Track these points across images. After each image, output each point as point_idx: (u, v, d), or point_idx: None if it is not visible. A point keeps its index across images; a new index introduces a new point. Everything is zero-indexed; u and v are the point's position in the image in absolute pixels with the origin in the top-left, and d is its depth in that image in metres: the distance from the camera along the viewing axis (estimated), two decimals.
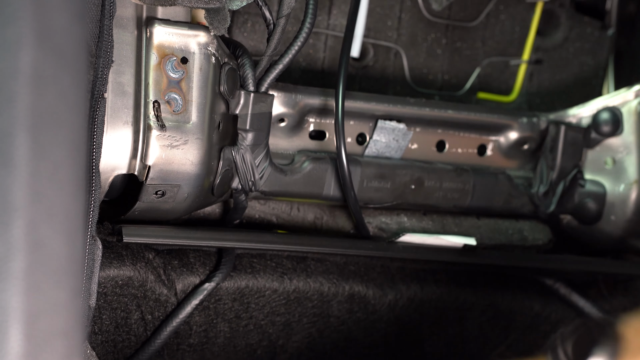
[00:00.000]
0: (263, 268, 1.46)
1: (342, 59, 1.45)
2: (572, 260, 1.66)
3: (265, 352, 1.51)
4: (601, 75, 1.81)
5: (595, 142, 1.64)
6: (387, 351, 1.58)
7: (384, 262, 1.53)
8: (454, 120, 1.57)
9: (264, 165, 1.42)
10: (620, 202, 1.63)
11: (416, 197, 1.54)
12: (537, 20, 1.74)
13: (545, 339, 1.67)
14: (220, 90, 1.36)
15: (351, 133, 1.53)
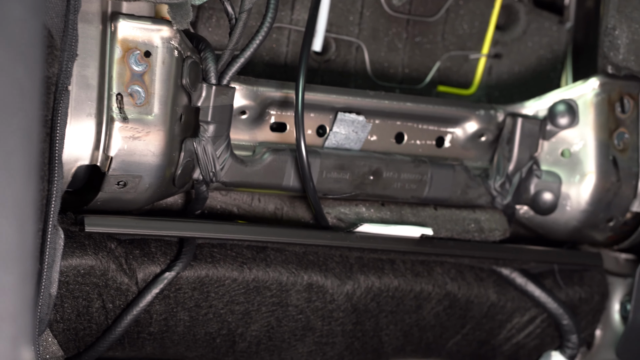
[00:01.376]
0: (223, 258, 1.48)
1: (302, 52, 1.48)
2: (528, 251, 1.69)
3: (224, 340, 1.54)
4: (559, 68, 1.85)
5: (551, 133, 1.67)
6: (344, 340, 1.60)
7: (343, 252, 1.56)
8: (412, 113, 1.60)
9: (224, 156, 1.44)
10: (576, 193, 1.67)
11: (374, 188, 1.57)
12: (496, 15, 1.77)
13: (501, 328, 1.71)
14: (183, 83, 1.39)
15: (311, 125, 1.56)
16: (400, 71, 1.73)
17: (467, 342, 1.70)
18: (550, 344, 1.75)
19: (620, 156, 1.68)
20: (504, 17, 1.81)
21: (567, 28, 1.84)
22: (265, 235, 1.49)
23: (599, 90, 1.67)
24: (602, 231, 1.71)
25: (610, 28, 1.65)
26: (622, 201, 1.69)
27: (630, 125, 1.69)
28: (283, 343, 1.57)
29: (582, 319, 1.75)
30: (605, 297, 1.76)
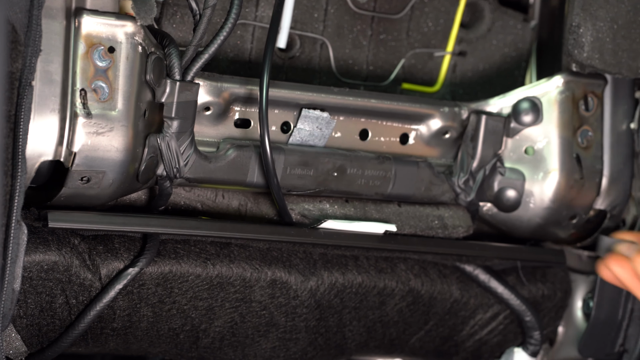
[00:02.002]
0: (187, 254, 1.48)
1: (267, 48, 1.49)
2: (491, 247, 1.70)
3: (187, 336, 1.54)
4: (523, 66, 1.86)
5: (515, 131, 1.68)
6: (308, 336, 1.61)
7: (306, 248, 1.56)
8: (376, 110, 1.61)
9: (188, 152, 1.45)
10: (539, 190, 1.68)
11: (338, 185, 1.58)
12: (461, 13, 1.78)
13: (464, 324, 1.72)
14: (147, 79, 1.39)
15: (276, 121, 1.56)
16: (364, 68, 1.73)
17: (430, 338, 1.71)
18: (513, 340, 1.77)
19: (583, 154, 1.69)
20: (469, 15, 1.82)
21: (532, 26, 1.85)
22: (229, 232, 1.50)
23: (563, 88, 1.68)
24: (565, 228, 1.73)
25: (575, 26, 1.66)
26: (585, 199, 1.70)
27: (594, 123, 1.71)
28: (246, 339, 1.57)
29: (545, 315, 1.76)
30: (568, 294, 1.77)
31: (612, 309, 1.75)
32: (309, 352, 1.63)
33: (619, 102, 1.73)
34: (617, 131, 1.73)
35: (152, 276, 1.46)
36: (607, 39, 1.66)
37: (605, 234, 1.74)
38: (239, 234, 1.50)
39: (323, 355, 1.65)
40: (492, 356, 1.78)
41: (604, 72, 1.69)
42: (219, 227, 1.49)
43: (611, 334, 1.78)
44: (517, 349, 1.76)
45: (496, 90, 1.79)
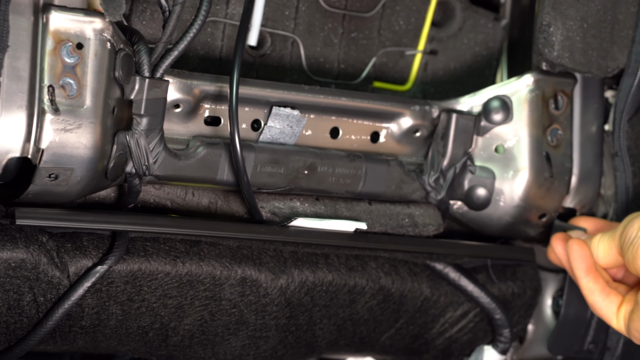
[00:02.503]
0: (156, 251, 1.48)
1: (237, 46, 1.48)
2: (461, 246, 1.70)
3: (157, 334, 1.53)
4: (494, 65, 1.86)
5: (485, 129, 1.68)
6: (278, 334, 1.61)
7: (277, 246, 1.56)
8: (347, 108, 1.61)
9: (158, 149, 1.44)
10: (509, 189, 1.68)
11: (309, 182, 1.58)
12: (432, 12, 1.78)
13: (435, 322, 1.72)
14: (115, 76, 1.38)
15: (246, 119, 1.56)
16: (336, 66, 1.73)
17: (400, 336, 1.71)
18: (483, 338, 1.77)
19: (553, 152, 1.70)
20: (440, 14, 1.82)
21: (503, 25, 1.86)
22: (199, 229, 1.49)
23: (533, 87, 1.69)
24: (535, 227, 1.73)
25: (545, 25, 1.66)
26: (555, 197, 1.71)
27: (563, 122, 1.71)
28: (216, 337, 1.57)
29: (515, 313, 1.76)
30: (537, 292, 1.78)
31: (581, 307, 1.76)
32: (279, 351, 1.63)
33: (589, 101, 1.74)
34: (587, 130, 1.74)
35: (121, 274, 1.46)
36: (577, 37, 1.67)
37: None
38: (208, 232, 1.50)
39: (293, 354, 1.65)
40: (462, 354, 1.78)
41: (573, 71, 1.69)
42: (188, 224, 1.49)
43: (580, 332, 1.79)
44: (487, 347, 1.77)
45: (467, 89, 1.80)
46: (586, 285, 1.60)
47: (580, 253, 1.60)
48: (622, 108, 1.71)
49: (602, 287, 1.58)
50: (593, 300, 1.59)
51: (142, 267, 1.46)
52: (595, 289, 1.59)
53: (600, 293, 1.59)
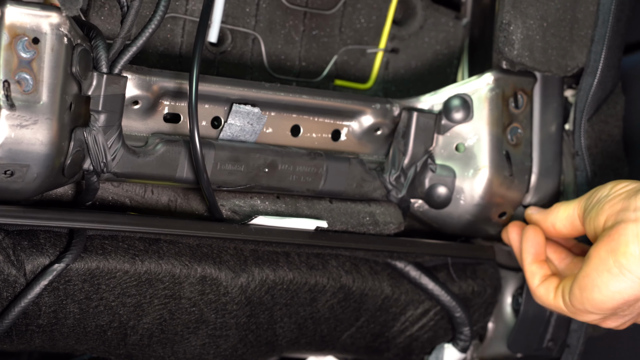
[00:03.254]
0: (114, 249, 1.46)
1: (197, 42, 1.47)
2: (422, 244, 1.71)
3: (115, 333, 1.52)
4: (455, 64, 1.87)
5: (446, 128, 1.68)
6: (238, 333, 1.60)
7: (237, 245, 1.55)
8: (308, 106, 1.60)
9: (116, 146, 1.43)
10: (469, 187, 1.68)
11: (269, 181, 1.57)
12: (394, 10, 1.79)
13: (395, 321, 1.72)
14: (73, 71, 1.37)
15: (206, 117, 1.55)
16: (297, 64, 1.73)
17: (361, 334, 1.71)
18: (444, 336, 1.77)
19: (513, 151, 1.70)
20: (401, 12, 1.82)
21: (464, 24, 1.86)
22: (158, 227, 1.48)
23: (493, 86, 1.69)
24: (495, 225, 1.73)
25: (505, 24, 1.67)
26: (515, 195, 1.71)
27: (523, 121, 1.72)
28: (176, 336, 1.56)
29: (475, 311, 1.77)
30: (497, 290, 1.78)
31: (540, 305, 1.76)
32: (239, 349, 1.62)
33: (549, 100, 1.75)
34: (547, 129, 1.74)
35: (78, 272, 1.44)
36: (537, 36, 1.68)
37: None
38: (168, 230, 1.48)
39: (253, 352, 1.64)
40: (423, 352, 1.78)
41: (533, 70, 1.70)
42: (147, 222, 1.47)
43: (539, 330, 1.79)
44: (447, 345, 1.77)
45: (428, 88, 1.80)
46: (529, 269, 1.60)
47: (534, 239, 1.61)
48: (582, 107, 1.72)
49: (544, 273, 1.59)
50: (534, 284, 1.59)
51: (100, 266, 1.45)
52: (538, 273, 1.59)
53: (541, 277, 1.59)
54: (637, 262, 1.41)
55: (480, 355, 1.86)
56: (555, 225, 1.60)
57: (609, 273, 1.44)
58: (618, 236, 1.43)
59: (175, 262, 1.50)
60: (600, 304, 1.47)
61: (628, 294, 1.44)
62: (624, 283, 1.43)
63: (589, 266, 1.46)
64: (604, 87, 1.73)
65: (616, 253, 1.43)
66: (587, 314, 1.50)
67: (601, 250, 1.45)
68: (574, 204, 1.57)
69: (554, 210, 1.61)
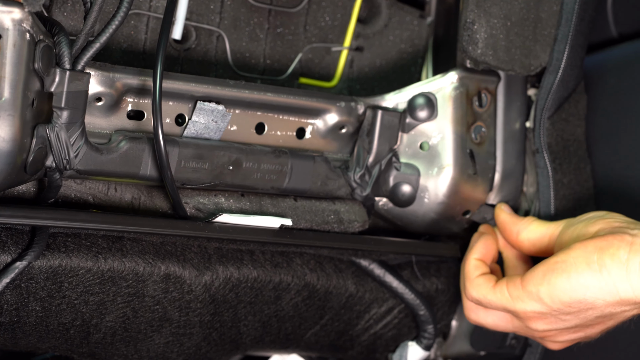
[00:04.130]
0: (77, 247, 1.46)
1: (160, 39, 1.46)
2: (386, 242, 1.71)
3: (78, 331, 1.51)
4: (420, 62, 1.87)
5: (410, 126, 1.69)
6: (202, 331, 1.59)
7: (201, 243, 1.55)
8: (273, 103, 1.60)
9: (79, 143, 1.42)
10: (433, 186, 1.69)
11: (234, 178, 1.57)
12: (358, 8, 1.79)
13: (360, 319, 1.72)
14: (35, 68, 1.36)
15: (170, 114, 1.54)
16: (262, 62, 1.72)
17: (325, 332, 1.71)
18: (408, 334, 1.78)
19: (477, 149, 1.71)
20: (366, 11, 1.82)
21: (428, 22, 1.87)
22: (122, 225, 1.47)
23: (457, 84, 1.69)
24: (458, 223, 1.74)
25: (470, 22, 1.67)
26: (478, 194, 1.72)
27: (487, 119, 1.72)
28: (139, 334, 1.55)
29: (439, 309, 1.77)
30: None
31: None
32: (203, 347, 1.62)
33: (512, 99, 1.76)
34: (510, 127, 1.75)
35: (40, 270, 1.43)
36: (501, 35, 1.68)
37: None
38: (131, 228, 1.48)
39: (217, 351, 1.64)
40: (387, 350, 1.78)
41: (497, 69, 1.71)
42: (111, 220, 1.46)
43: None
44: (411, 343, 1.77)
45: (393, 86, 1.80)
46: (473, 262, 1.60)
47: (490, 244, 1.64)
48: (542, 105, 1.73)
49: (486, 271, 1.59)
50: (473, 275, 1.58)
51: (63, 263, 1.44)
52: (480, 269, 1.59)
53: (482, 272, 1.59)
54: (621, 266, 1.41)
55: (444, 353, 1.87)
56: (520, 235, 1.60)
57: (587, 265, 1.43)
58: (612, 239, 1.43)
59: (139, 260, 1.49)
60: (559, 292, 1.45)
61: (593, 293, 1.43)
62: (597, 281, 1.42)
63: (569, 254, 1.45)
64: (565, 86, 1.74)
65: (603, 251, 1.42)
66: (533, 300, 1.47)
67: (589, 244, 1.44)
68: (550, 225, 1.57)
69: (525, 221, 1.61)
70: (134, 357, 1.58)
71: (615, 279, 1.41)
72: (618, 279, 1.41)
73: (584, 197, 1.79)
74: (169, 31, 1.48)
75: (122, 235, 1.49)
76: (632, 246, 1.41)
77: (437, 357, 1.88)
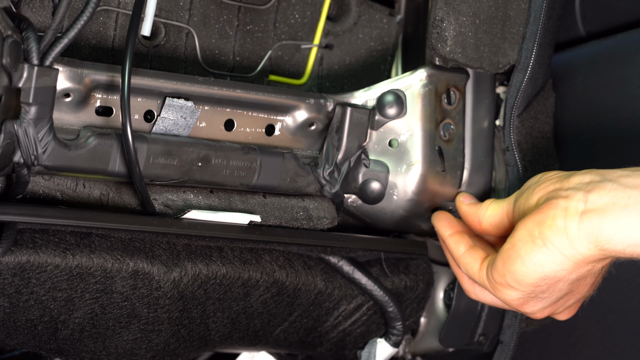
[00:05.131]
0: (45, 243, 1.45)
1: (129, 35, 1.46)
2: (355, 239, 1.71)
3: (46, 327, 1.50)
4: (389, 60, 1.88)
5: (379, 123, 1.69)
6: (170, 327, 1.59)
7: (170, 239, 1.55)
8: (242, 100, 1.60)
9: (47, 139, 1.41)
10: (402, 183, 1.69)
11: (203, 175, 1.56)
12: (328, 6, 1.79)
13: (328, 315, 1.73)
14: (3, 63, 1.35)
15: (139, 110, 1.54)
16: (231, 59, 1.72)
17: (294, 329, 1.71)
18: (376, 331, 1.78)
19: (446, 147, 1.71)
20: (335, 8, 1.83)
21: (398, 20, 1.88)
22: (90, 221, 1.47)
23: (426, 82, 1.70)
24: (427, 220, 1.75)
25: (438, 20, 1.68)
26: (447, 191, 1.72)
27: (456, 117, 1.73)
28: (107, 330, 1.55)
29: (408, 306, 1.78)
30: (430, 285, 1.80)
31: (471, 300, 1.78)
32: (172, 344, 1.61)
33: (481, 97, 1.76)
34: (479, 125, 1.76)
35: (8, 266, 1.42)
36: (470, 33, 1.69)
37: None
38: (100, 224, 1.47)
39: (186, 347, 1.64)
40: (356, 347, 1.79)
41: (466, 67, 1.72)
42: (79, 216, 1.46)
43: (471, 324, 1.81)
44: (380, 340, 1.78)
45: (362, 84, 1.80)
46: (451, 239, 1.60)
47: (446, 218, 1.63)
48: (512, 103, 1.74)
49: (468, 243, 1.58)
50: (459, 252, 1.56)
51: (31, 259, 1.43)
52: (461, 243, 1.59)
53: (465, 245, 1.58)
54: (561, 235, 1.40)
55: (413, 350, 1.88)
56: (482, 223, 1.59)
57: (533, 244, 1.42)
58: (547, 209, 1.42)
59: (107, 256, 1.49)
60: (522, 277, 1.45)
61: (549, 267, 1.42)
62: (546, 256, 1.42)
63: (515, 237, 1.45)
64: (534, 84, 1.75)
65: (542, 225, 1.42)
66: (508, 289, 1.47)
67: (528, 222, 1.44)
68: (504, 202, 1.56)
69: (483, 206, 1.60)
70: (102, 353, 1.57)
71: (561, 248, 1.41)
72: (563, 247, 1.41)
73: None
74: (137, 27, 1.48)
75: (91, 231, 1.49)
76: (566, 211, 1.40)
77: (405, 353, 1.89)
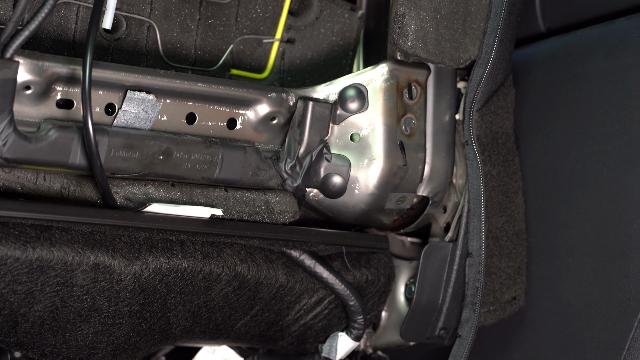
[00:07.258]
0: (5, 236, 1.44)
1: (90, 27, 1.46)
2: (317, 233, 1.71)
3: (6, 320, 1.49)
4: (351, 55, 1.88)
5: (341, 118, 1.70)
6: (131, 321, 1.59)
7: (131, 232, 1.54)
8: (204, 93, 1.60)
9: (7, 132, 1.41)
10: (364, 177, 1.70)
11: (164, 168, 1.56)
12: (289, 0, 1.79)
13: (290, 309, 1.73)
14: None
15: (100, 103, 1.53)
16: (193, 53, 1.72)
17: (255, 323, 1.71)
18: (338, 325, 1.78)
19: (407, 141, 1.72)
20: (297, 3, 1.83)
21: (359, 15, 1.88)
22: (50, 214, 1.46)
23: (387, 76, 1.71)
24: (388, 215, 1.75)
25: (400, 15, 1.69)
26: (409, 185, 1.73)
27: (417, 112, 1.74)
28: (68, 324, 1.54)
29: (369, 300, 1.78)
30: (391, 280, 1.80)
31: (432, 294, 1.79)
32: (133, 337, 1.61)
33: (442, 92, 1.77)
34: (440, 120, 1.77)
35: None
36: (431, 28, 1.70)
37: (427, 220, 1.78)
38: (60, 217, 1.47)
39: (147, 341, 1.63)
40: (317, 340, 1.79)
41: (427, 62, 1.72)
42: (39, 209, 1.45)
43: (431, 318, 1.82)
44: (341, 333, 1.78)
45: (324, 78, 1.81)
46: None
47: None
48: (472, 98, 1.75)
49: None
50: None
51: None
52: None
53: None
54: None
55: (374, 344, 1.88)
56: None
57: None
58: None
59: (68, 250, 1.48)
60: None
61: None
62: None
63: None
64: (494, 79, 1.76)
65: None
66: None
67: None
68: None
69: None
70: (62, 347, 1.57)
71: None
72: None
73: (512, 188, 1.82)
74: (98, 20, 1.47)
75: (51, 224, 1.48)
76: None
77: (366, 347, 1.89)
